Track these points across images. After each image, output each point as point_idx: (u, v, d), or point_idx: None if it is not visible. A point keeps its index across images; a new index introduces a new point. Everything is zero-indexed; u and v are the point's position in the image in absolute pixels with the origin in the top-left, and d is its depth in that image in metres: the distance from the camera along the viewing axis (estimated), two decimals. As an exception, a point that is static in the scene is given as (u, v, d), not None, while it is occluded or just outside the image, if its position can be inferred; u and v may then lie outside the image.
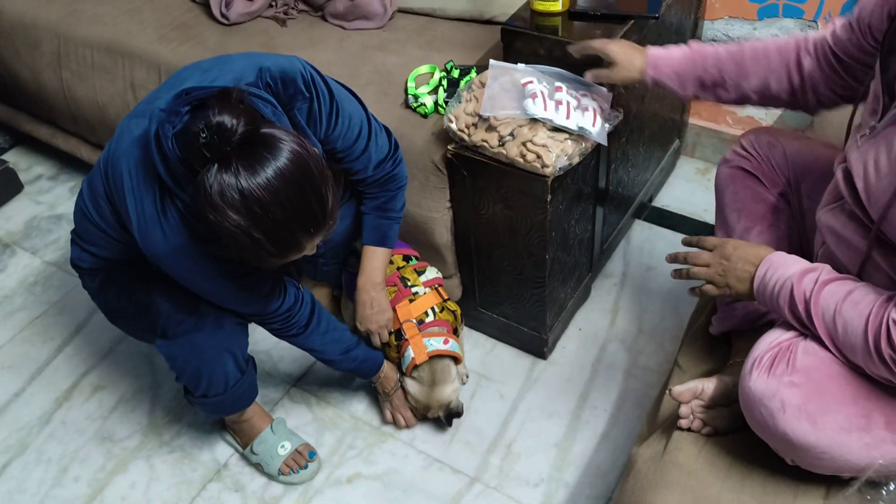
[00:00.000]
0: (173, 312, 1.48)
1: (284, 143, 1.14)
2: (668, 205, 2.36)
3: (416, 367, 1.76)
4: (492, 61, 1.63)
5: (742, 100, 1.40)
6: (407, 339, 1.76)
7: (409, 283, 1.82)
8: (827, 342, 1.08)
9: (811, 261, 1.17)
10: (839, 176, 1.15)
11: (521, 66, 1.62)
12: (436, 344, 1.76)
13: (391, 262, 1.83)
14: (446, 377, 1.77)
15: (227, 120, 1.08)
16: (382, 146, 1.57)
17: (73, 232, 1.57)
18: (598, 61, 1.54)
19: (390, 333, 1.79)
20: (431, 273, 1.87)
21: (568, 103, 1.55)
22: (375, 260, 1.70)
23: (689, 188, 2.40)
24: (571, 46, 1.56)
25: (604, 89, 1.60)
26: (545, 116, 1.54)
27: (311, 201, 1.16)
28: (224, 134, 1.08)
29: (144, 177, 1.27)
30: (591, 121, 1.56)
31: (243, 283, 1.41)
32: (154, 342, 1.56)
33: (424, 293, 1.82)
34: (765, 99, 1.38)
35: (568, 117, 1.55)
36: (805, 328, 1.11)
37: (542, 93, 1.55)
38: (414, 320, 1.78)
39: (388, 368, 1.79)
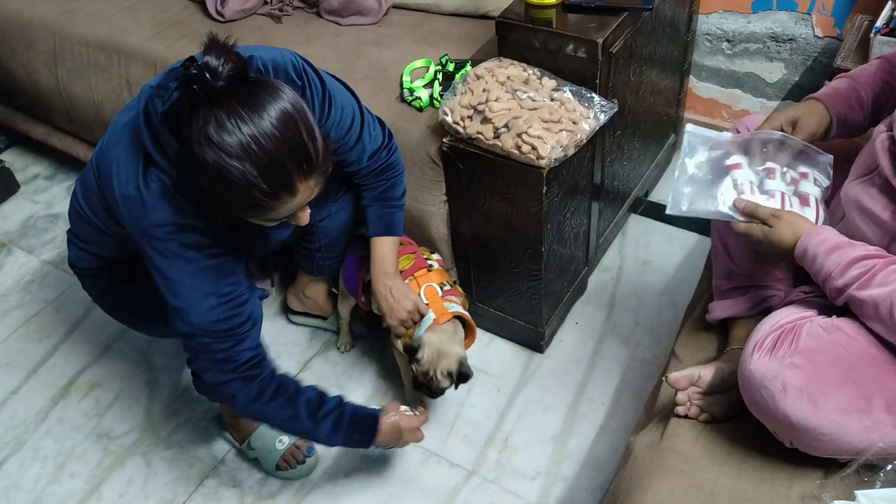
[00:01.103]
0: None
1: (276, 86, 1.15)
2: (664, 199, 2.34)
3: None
4: (689, 126, 1.37)
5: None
6: (427, 304, 1.68)
7: (424, 256, 1.79)
8: (882, 332, 1.07)
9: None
10: (880, 146, 1.14)
11: (726, 134, 1.36)
12: (455, 307, 1.70)
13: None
14: (461, 339, 1.71)
15: (214, 60, 1.09)
16: (376, 136, 1.57)
17: (69, 232, 1.57)
18: None
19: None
20: (438, 258, 1.86)
21: (782, 195, 1.28)
22: (385, 249, 1.66)
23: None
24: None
25: (827, 157, 1.31)
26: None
27: (303, 137, 1.16)
28: (213, 70, 1.08)
29: (130, 154, 1.27)
30: (812, 215, 1.25)
31: (216, 281, 1.34)
32: (171, 335, 1.55)
33: (438, 269, 1.79)
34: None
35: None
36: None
37: (749, 183, 1.29)
38: (436, 285, 1.72)
39: (388, 427, 1.57)
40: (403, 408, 1.59)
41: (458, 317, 1.70)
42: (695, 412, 1.28)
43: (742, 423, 1.24)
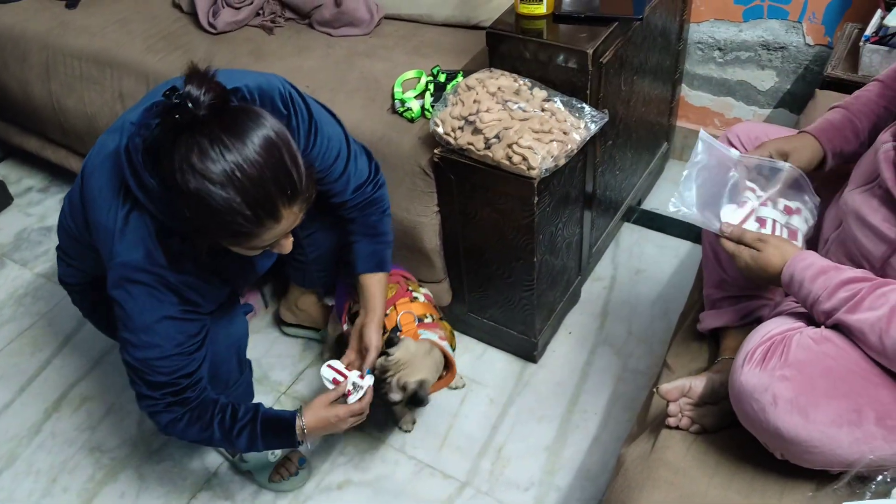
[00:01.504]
0: None
1: (258, 113, 1.15)
2: (657, 208, 2.36)
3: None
4: (702, 133, 1.35)
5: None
6: (401, 331, 1.66)
7: (410, 288, 1.79)
8: (875, 356, 1.07)
9: (815, 248, 1.17)
10: (883, 157, 1.13)
11: (734, 152, 1.35)
12: (431, 336, 1.66)
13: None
14: (435, 366, 1.64)
15: (195, 90, 1.09)
16: (362, 170, 1.56)
17: (58, 248, 1.58)
18: None
19: (384, 332, 1.65)
20: (426, 292, 1.83)
21: (774, 223, 1.30)
22: (374, 287, 1.62)
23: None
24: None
25: (816, 199, 1.34)
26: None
27: (286, 163, 1.15)
28: (194, 100, 1.08)
29: (111, 185, 1.26)
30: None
31: (172, 331, 1.33)
32: None
33: (423, 301, 1.78)
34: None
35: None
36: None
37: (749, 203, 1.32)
38: (414, 314, 1.71)
39: (312, 417, 1.50)
40: (352, 398, 1.51)
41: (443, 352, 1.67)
42: (686, 423, 1.27)
43: (733, 434, 1.23)
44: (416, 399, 1.59)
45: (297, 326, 2.06)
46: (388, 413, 1.87)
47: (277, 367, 2.02)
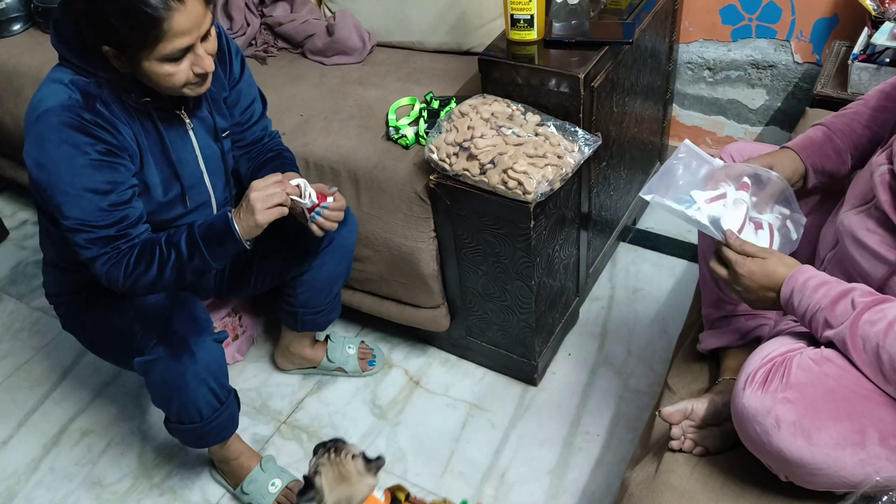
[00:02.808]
0: (146, 332, 1.49)
1: None
2: (653, 227, 2.37)
3: None
4: (687, 142, 1.35)
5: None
6: None
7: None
8: (867, 371, 1.06)
9: (812, 264, 1.17)
10: (879, 179, 1.14)
11: (718, 161, 1.35)
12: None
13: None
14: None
15: None
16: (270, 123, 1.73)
17: (42, 259, 1.64)
18: None
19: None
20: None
21: (770, 226, 1.30)
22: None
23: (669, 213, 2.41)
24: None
25: (803, 217, 1.31)
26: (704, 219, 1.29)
27: None
28: None
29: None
30: (766, 241, 1.29)
31: (108, 175, 1.36)
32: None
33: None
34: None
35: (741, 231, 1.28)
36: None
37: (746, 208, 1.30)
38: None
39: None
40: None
41: None
42: (689, 446, 1.27)
43: (737, 455, 1.23)
44: None
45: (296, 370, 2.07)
46: (389, 443, 1.87)
47: (276, 396, 2.01)
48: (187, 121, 1.50)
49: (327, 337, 2.04)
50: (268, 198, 1.40)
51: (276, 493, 1.73)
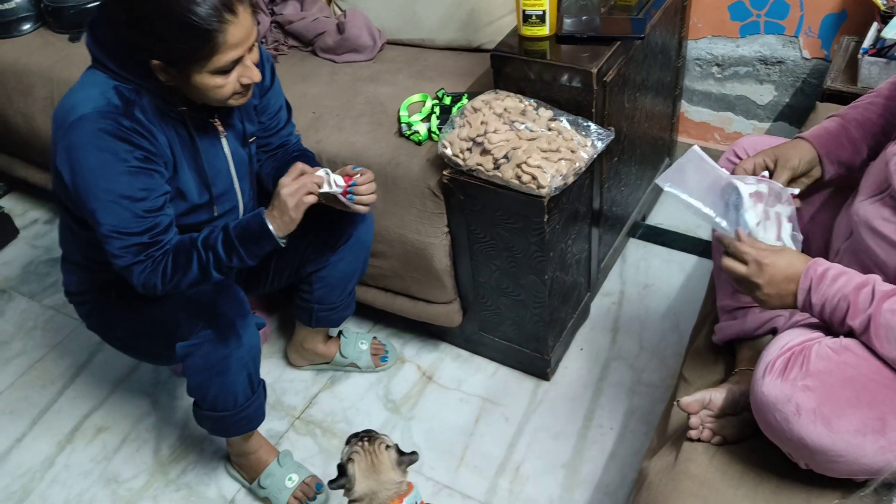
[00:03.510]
0: (192, 317, 1.49)
1: None
2: (662, 223, 2.38)
3: None
4: (696, 148, 1.32)
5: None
6: None
7: None
8: (890, 358, 1.06)
9: (826, 256, 1.18)
10: (893, 167, 1.14)
11: (725, 172, 1.31)
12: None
13: None
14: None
15: None
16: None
17: (62, 257, 1.63)
18: None
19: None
20: None
21: (778, 216, 1.30)
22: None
23: (681, 206, 2.42)
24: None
25: (799, 236, 1.30)
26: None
27: None
28: None
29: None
30: (773, 232, 1.29)
31: (144, 181, 1.37)
32: (171, 361, 1.58)
33: None
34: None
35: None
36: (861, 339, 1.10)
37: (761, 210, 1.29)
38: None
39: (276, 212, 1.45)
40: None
41: None
42: (707, 435, 1.28)
43: (755, 444, 1.24)
44: None
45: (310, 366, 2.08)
46: (403, 437, 1.87)
47: (290, 392, 2.02)
48: (220, 129, 1.51)
49: (340, 333, 2.05)
50: (296, 191, 1.43)
51: (293, 487, 1.74)
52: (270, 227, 1.43)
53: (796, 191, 1.33)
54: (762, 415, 1.11)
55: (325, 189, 1.47)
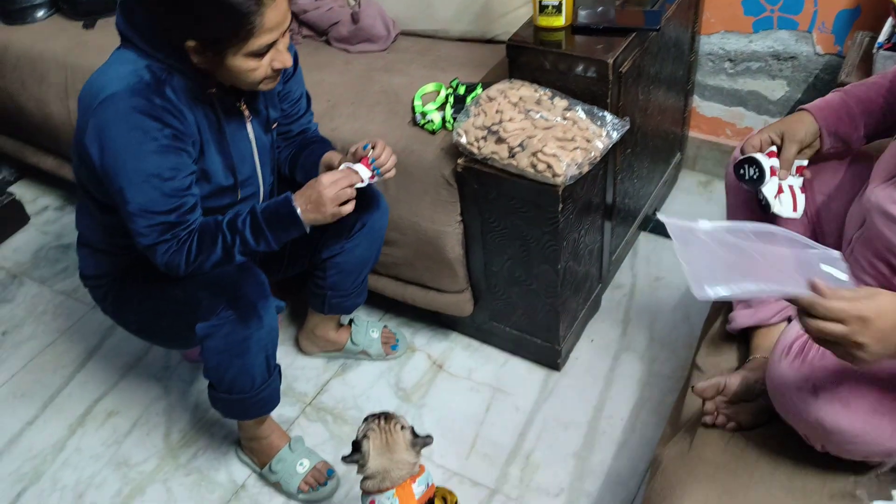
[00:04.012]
0: (214, 297, 1.49)
1: None
2: (673, 217, 2.38)
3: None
4: (663, 217, 1.21)
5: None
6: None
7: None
8: None
9: (836, 247, 1.18)
10: None
11: (703, 224, 1.18)
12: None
13: None
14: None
15: None
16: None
17: (78, 239, 1.65)
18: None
19: None
20: None
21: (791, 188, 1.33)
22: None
23: (691, 200, 2.44)
24: None
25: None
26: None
27: None
28: None
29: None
30: (789, 204, 1.30)
31: (173, 160, 1.38)
32: (190, 344, 1.60)
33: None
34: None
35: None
36: None
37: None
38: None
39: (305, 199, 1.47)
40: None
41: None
42: (722, 421, 1.29)
43: (770, 430, 1.25)
44: None
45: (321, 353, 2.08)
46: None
47: (301, 378, 2.02)
48: (246, 113, 1.52)
49: (351, 321, 2.05)
50: (338, 196, 1.46)
51: (304, 473, 1.74)
52: (301, 216, 1.46)
53: (804, 162, 1.35)
54: (779, 396, 1.12)
55: (358, 186, 1.51)
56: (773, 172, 1.29)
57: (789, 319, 1.37)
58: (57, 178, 2.61)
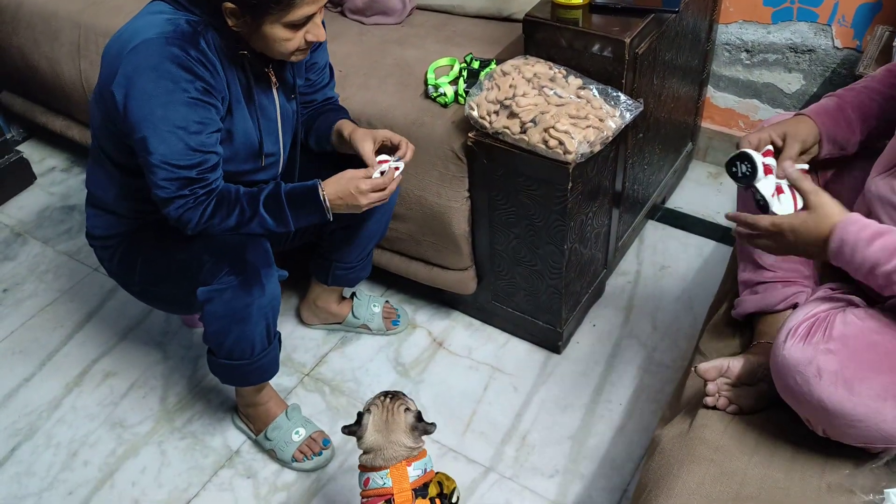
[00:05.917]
0: (217, 262, 1.48)
1: None
2: (681, 206, 2.37)
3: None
4: None
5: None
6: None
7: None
8: None
9: None
10: None
11: None
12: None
13: None
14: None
15: None
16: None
17: (86, 201, 1.62)
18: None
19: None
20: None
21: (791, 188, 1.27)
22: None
23: (701, 191, 2.42)
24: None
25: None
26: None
27: None
28: None
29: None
30: (789, 203, 1.28)
31: (199, 113, 1.36)
32: (193, 310, 1.59)
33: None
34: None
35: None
36: None
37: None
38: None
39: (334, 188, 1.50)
40: (374, 174, 1.53)
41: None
42: (723, 403, 1.27)
43: (771, 415, 1.24)
44: None
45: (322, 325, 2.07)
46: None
47: (301, 349, 2.02)
48: (273, 79, 1.51)
49: (353, 294, 2.04)
50: (375, 201, 1.51)
51: (300, 441, 1.74)
52: (327, 205, 1.48)
53: (806, 166, 1.32)
54: (783, 378, 1.11)
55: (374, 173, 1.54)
56: (768, 171, 1.27)
57: (795, 306, 1.36)
58: (65, 139, 2.59)
